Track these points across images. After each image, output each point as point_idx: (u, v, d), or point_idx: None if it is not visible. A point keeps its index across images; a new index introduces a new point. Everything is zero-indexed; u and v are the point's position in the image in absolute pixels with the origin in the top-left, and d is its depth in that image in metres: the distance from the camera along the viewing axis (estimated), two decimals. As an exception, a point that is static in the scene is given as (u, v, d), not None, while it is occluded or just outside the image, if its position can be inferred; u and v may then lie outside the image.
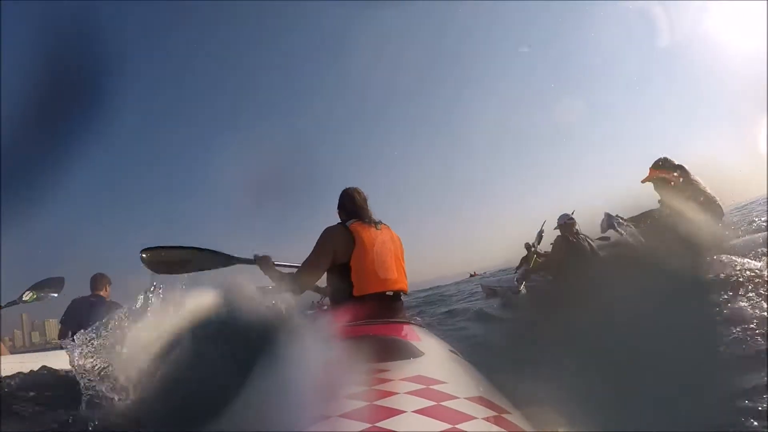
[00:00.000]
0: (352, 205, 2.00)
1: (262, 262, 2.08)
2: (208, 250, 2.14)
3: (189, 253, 2.11)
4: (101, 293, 3.78)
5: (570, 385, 1.16)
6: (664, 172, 3.00)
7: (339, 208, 2.04)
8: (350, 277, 1.81)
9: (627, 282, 2.02)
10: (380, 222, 1.97)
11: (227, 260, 2.15)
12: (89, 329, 2.04)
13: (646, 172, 3.18)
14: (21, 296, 3.73)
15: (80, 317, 3.41)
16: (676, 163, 3.01)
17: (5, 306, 3.63)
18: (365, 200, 2.03)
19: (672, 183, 2.95)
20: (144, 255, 2.10)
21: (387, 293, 1.81)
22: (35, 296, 3.78)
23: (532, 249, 5.14)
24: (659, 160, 3.08)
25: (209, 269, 2.11)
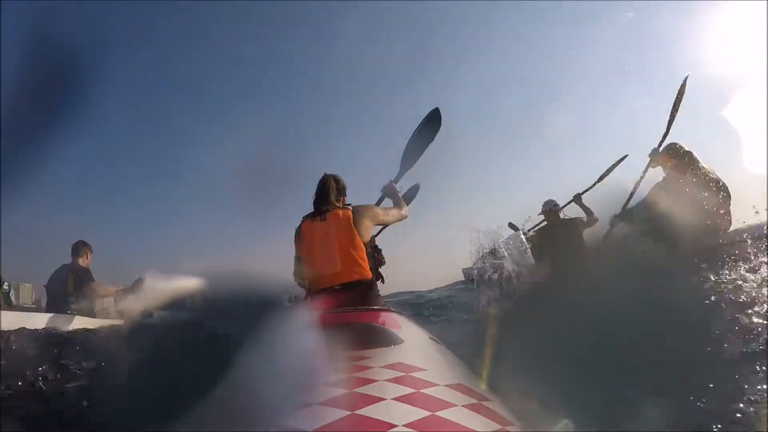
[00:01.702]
0: (316, 195, 2.00)
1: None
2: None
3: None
4: (81, 261, 3.91)
5: (551, 375, 1.18)
6: (673, 157, 3.04)
7: None
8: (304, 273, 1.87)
9: (616, 277, 2.05)
10: (328, 210, 1.91)
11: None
12: None
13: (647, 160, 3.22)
14: None
15: (61, 284, 3.71)
16: (685, 149, 3.06)
17: None
18: (329, 188, 1.99)
19: (678, 167, 2.98)
20: None
21: (335, 287, 1.79)
22: (7, 287, 4.00)
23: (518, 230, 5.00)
24: (668, 145, 3.12)
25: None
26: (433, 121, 2.61)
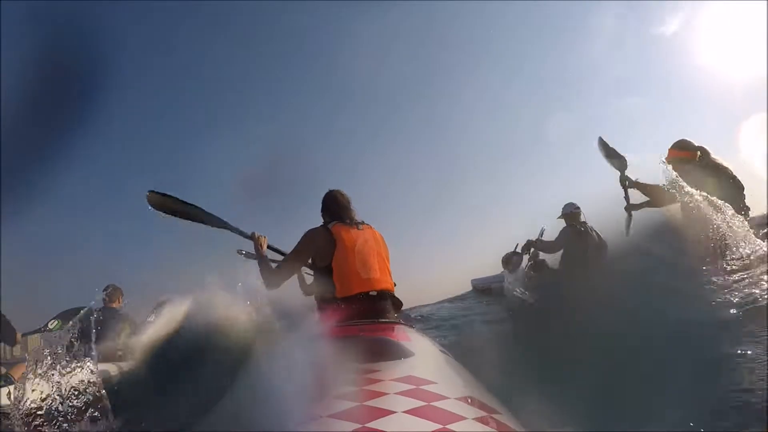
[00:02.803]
0: (335, 207, 1.99)
1: (257, 240, 2.20)
2: (210, 213, 2.30)
3: (192, 207, 2.26)
4: (114, 305, 3.97)
5: (567, 389, 1.17)
6: (684, 152, 3.00)
7: (322, 210, 2.05)
8: (333, 279, 1.80)
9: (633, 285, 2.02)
10: (362, 222, 1.95)
11: (223, 225, 2.30)
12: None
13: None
14: (47, 324, 3.63)
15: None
16: (696, 144, 3.03)
17: (29, 334, 3.69)
18: (348, 202, 2.02)
19: (691, 163, 2.95)
20: (150, 195, 2.22)
21: (371, 293, 1.77)
22: (59, 325, 3.63)
23: (534, 241, 4.80)
24: (679, 141, 3.08)
25: (206, 225, 2.28)
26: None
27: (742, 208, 2.73)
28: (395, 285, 1.98)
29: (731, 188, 2.79)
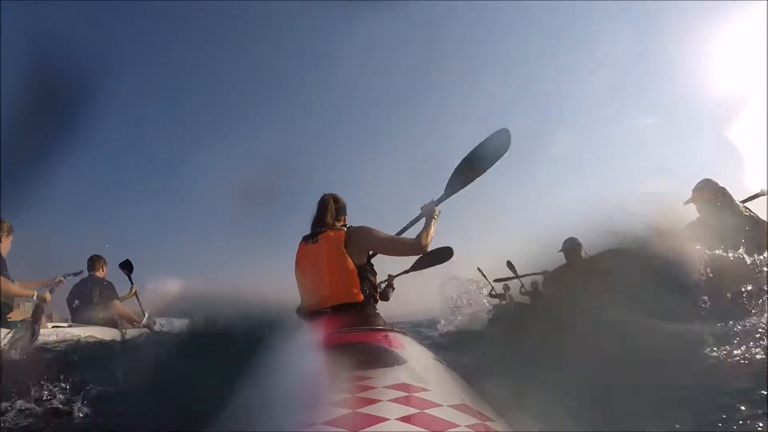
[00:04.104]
0: (315, 214, 2.03)
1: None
2: None
3: None
4: (97, 273, 4.29)
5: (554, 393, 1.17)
6: (707, 194, 3.01)
7: None
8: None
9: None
10: (322, 231, 1.91)
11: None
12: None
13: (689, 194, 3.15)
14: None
15: (86, 296, 4.15)
16: (720, 185, 3.04)
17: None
18: (327, 209, 1.99)
19: (712, 203, 2.96)
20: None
21: (324, 310, 1.79)
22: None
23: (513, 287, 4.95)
24: (701, 182, 3.09)
25: None
26: (499, 142, 2.24)
27: (761, 247, 2.72)
28: (378, 285, 1.95)
29: (753, 229, 2.78)
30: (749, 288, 2.37)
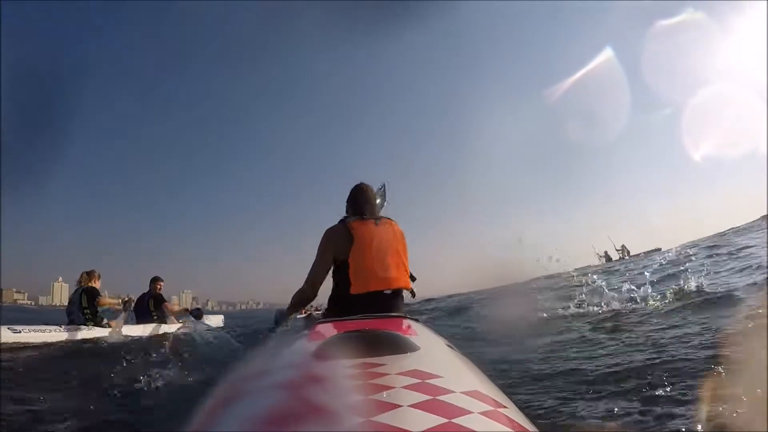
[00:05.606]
0: (358, 200, 2.02)
1: (282, 317, 2.07)
2: None
3: None
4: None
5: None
6: None
7: (347, 202, 2.08)
8: (349, 275, 1.79)
9: None
10: (381, 218, 1.95)
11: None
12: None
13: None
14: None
15: (146, 304, 7.61)
16: None
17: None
18: (373, 197, 2.04)
19: None
20: None
21: (385, 291, 1.79)
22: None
23: None
24: None
25: None
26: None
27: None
28: (415, 279, 1.97)
29: None
30: None
